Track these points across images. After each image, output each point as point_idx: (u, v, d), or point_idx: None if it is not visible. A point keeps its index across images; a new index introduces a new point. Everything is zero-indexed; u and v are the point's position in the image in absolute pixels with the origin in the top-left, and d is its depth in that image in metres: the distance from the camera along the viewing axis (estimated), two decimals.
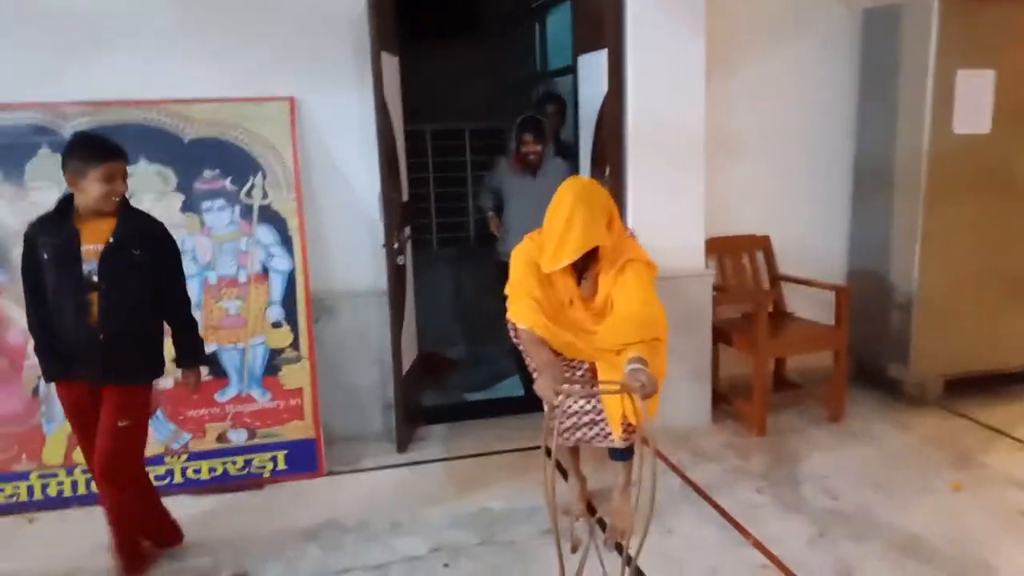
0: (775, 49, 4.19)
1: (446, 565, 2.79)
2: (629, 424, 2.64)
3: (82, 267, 2.51)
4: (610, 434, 2.74)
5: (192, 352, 2.82)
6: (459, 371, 4.84)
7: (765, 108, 4.21)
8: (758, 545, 2.88)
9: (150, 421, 2.90)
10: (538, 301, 2.60)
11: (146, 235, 2.63)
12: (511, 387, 4.48)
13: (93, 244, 2.52)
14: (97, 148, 2.50)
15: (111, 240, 2.52)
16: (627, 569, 2.19)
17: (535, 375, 2.62)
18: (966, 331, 4.11)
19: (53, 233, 2.54)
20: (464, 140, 5.27)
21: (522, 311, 2.62)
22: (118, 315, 2.55)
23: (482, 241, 5.39)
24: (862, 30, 4.27)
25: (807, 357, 4.25)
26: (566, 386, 2.40)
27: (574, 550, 2.67)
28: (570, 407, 2.73)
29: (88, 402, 2.64)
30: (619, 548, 2.72)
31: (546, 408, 2.36)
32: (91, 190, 2.48)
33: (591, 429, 2.78)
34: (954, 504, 3.16)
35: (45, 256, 2.53)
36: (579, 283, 2.67)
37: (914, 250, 4.00)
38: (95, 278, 2.51)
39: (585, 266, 2.60)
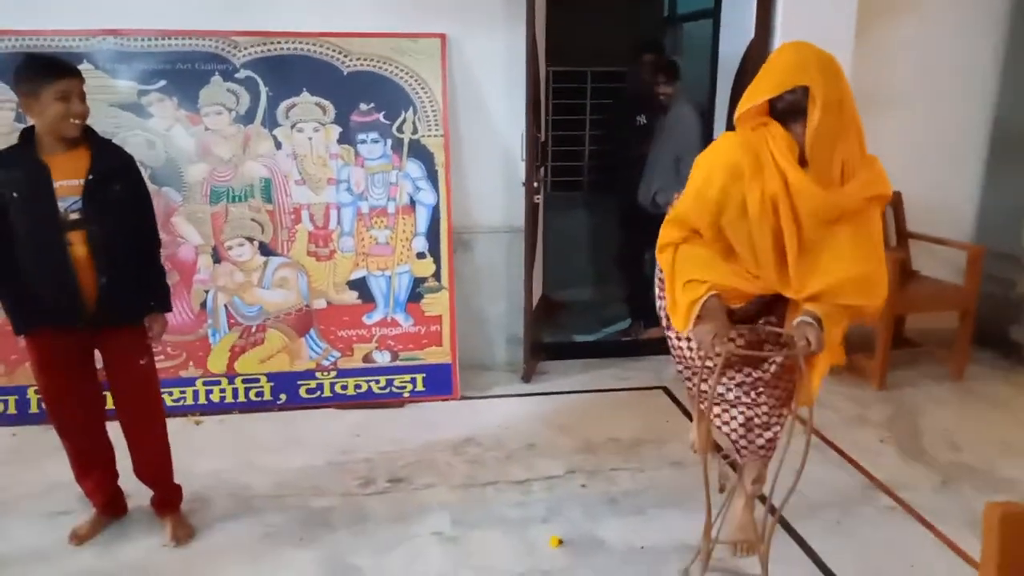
0: (925, 6, 4.10)
1: (583, 486, 2.97)
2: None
3: (56, 205, 2.27)
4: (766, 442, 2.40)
5: (161, 298, 2.56)
6: (571, 313, 4.98)
7: (907, 65, 4.15)
8: (883, 488, 2.97)
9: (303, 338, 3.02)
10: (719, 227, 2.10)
11: (122, 169, 2.42)
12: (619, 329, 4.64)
13: (67, 180, 2.28)
14: (48, 65, 2.27)
15: (90, 176, 2.30)
16: (770, 517, 2.31)
17: (670, 318, 2.24)
18: None
19: (17, 169, 2.29)
20: (586, 83, 5.32)
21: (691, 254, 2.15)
22: (114, 254, 2.35)
23: (597, 188, 5.46)
24: None
25: (925, 317, 4.24)
26: (728, 343, 2.06)
27: (721, 490, 2.79)
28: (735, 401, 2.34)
29: (75, 352, 2.45)
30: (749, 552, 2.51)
31: (694, 355, 2.21)
32: (48, 111, 2.23)
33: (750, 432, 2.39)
34: None
35: (14, 195, 2.27)
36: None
37: None
38: (73, 216, 2.28)
39: (801, 139, 2.01)
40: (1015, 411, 3.68)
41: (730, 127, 3.77)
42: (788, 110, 1.99)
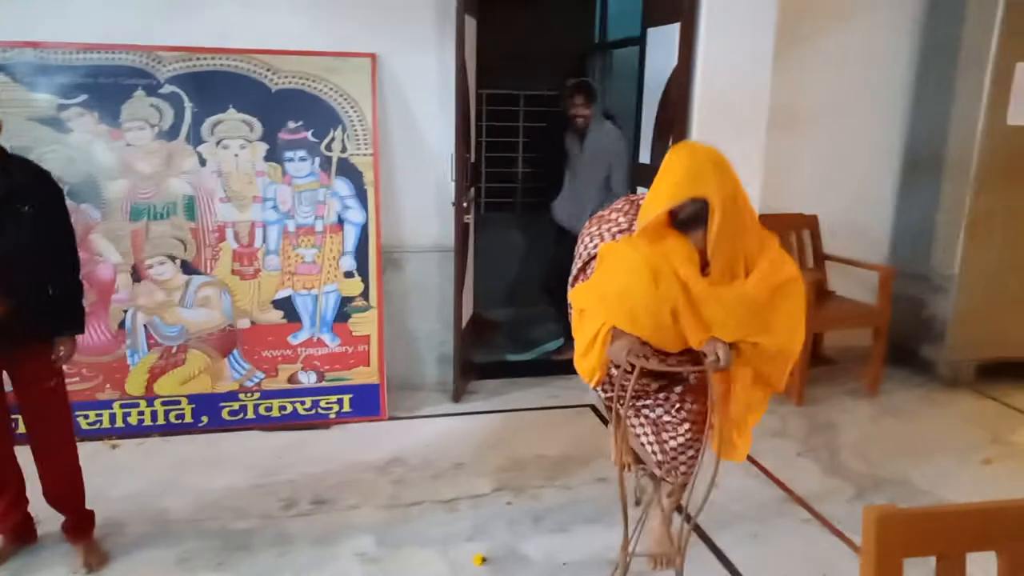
0: (841, 29, 4.30)
1: (509, 503, 2.98)
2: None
3: None
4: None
5: (74, 319, 2.45)
6: (503, 333, 5.01)
7: (823, 88, 4.34)
8: (800, 501, 3.06)
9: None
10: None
11: (31, 185, 2.31)
12: (551, 349, 4.68)
13: None
14: None
15: None
16: (686, 526, 2.36)
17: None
18: (1002, 318, 4.25)
19: None
20: (519, 106, 5.39)
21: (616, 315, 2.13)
22: (23, 274, 2.27)
23: (530, 209, 5.52)
24: (926, 15, 4.36)
25: (843, 336, 4.41)
26: (641, 359, 2.11)
27: (637, 503, 2.85)
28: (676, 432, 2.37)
29: None
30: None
31: (614, 371, 2.22)
32: None
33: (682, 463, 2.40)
34: (987, 477, 3.32)
35: None
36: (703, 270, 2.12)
37: (958, 236, 4.13)
38: None
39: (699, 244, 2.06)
40: (926, 426, 3.84)
41: (655, 153, 3.91)
42: (689, 220, 2.04)
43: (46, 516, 2.61)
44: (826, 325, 4.22)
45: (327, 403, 3.63)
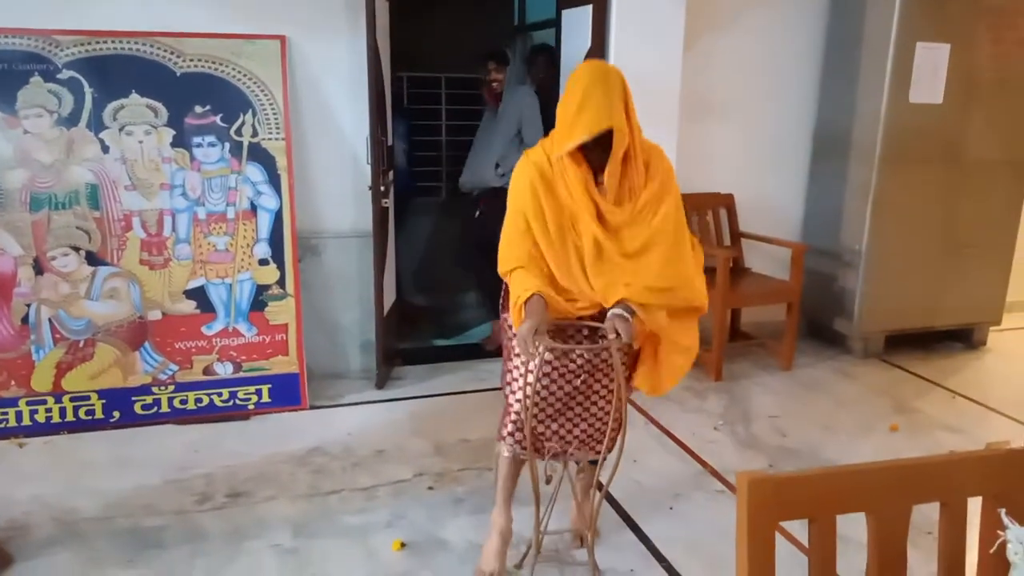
0: (748, 17, 4.39)
1: (431, 488, 2.98)
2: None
3: None
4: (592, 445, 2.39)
5: None
6: (430, 318, 4.99)
7: (735, 74, 4.42)
8: (715, 474, 3.14)
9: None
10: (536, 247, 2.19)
11: None
12: (479, 335, 4.68)
13: None
14: None
15: None
16: (598, 495, 2.39)
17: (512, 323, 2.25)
18: (908, 291, 4.43)
19: None
20: (440, 89, 5.37)
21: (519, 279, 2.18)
22: None
23: (454, 194, 5.51)
24: (830, 2, 4.48)
25: (760, 311, 4.53)
26: (546, 338, 2.09)
27: (548, 481, 2.86)
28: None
29: None
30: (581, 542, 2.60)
31: (520, 357, 2.23)
32: None
33: (576, 439, 2.36)
34: (892, 443, 3.47)
35: None
36: (596, 184, 2.19)
37: (865, 212, 4.28)
38: None
39: (601, 163, 2.15)
40: (837, 397, 3.99)
41: None
42: (594, 146, 2.10)
43: None
44: (742, 301, 4.33)
45: (245, 394, 3.56)
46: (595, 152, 2.13)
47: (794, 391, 4.04)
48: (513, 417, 2.32)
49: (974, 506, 1.28)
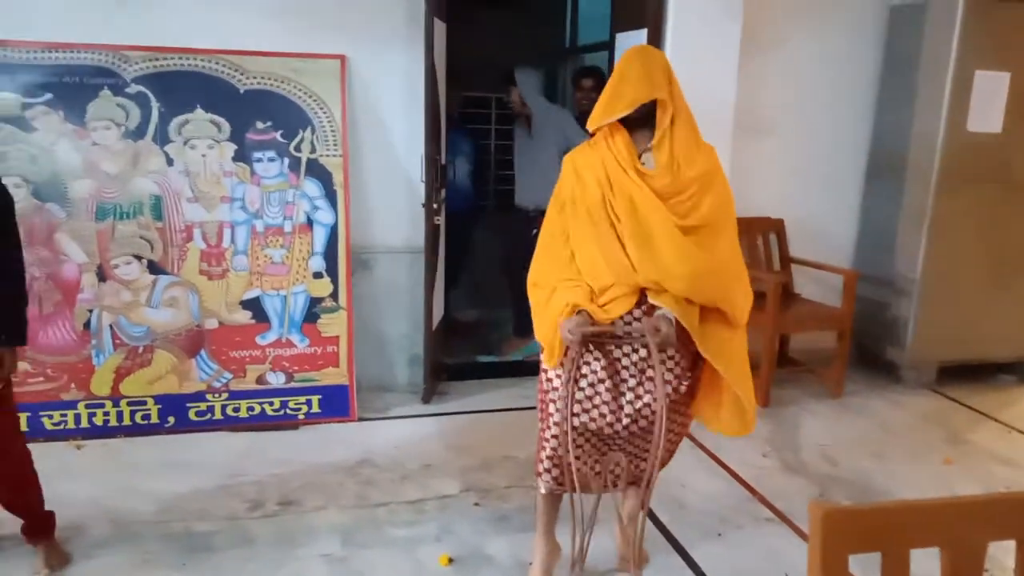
0: (805, 37, 4.37)
1: (477, 504, 2.99)
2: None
3: None
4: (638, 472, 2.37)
5: (14, 329, 2.30)
6: (474, 334, 5.01)
7: (788, 94, 4.41)
8: (763, 501, 3.10)
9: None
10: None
11: None
12: (524, 351, 4.67)
13: None
14: None
15: None
16: (642, 514, 2.37)
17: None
18: (962, 321, 4.34)
19: None
20: (490, 108, 5.42)
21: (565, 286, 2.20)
22: None
23: (502, 210, 5.54)
24: (888, 25, 4.45)
25: (808, 338, 4.47)
26: (589, 328, 2.13)
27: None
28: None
29: None
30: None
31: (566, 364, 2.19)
32: None
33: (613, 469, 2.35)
34: (946, 476, 3.40)
35: None
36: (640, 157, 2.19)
37: (920, 240, 4.22)
38: None
39: (644, 140, 2.17)
40: (888, 426, 3.91)
41: None
42: (639, 119, 2.14)
43: (6, 518, 2.57)
44: (792, 327, 4.28)
45: (296, 404, 3.61)
46: (637, 128, 2.16)
47: (844, 419, 3.98)
48: (549, 452, 2.30)
49: None
